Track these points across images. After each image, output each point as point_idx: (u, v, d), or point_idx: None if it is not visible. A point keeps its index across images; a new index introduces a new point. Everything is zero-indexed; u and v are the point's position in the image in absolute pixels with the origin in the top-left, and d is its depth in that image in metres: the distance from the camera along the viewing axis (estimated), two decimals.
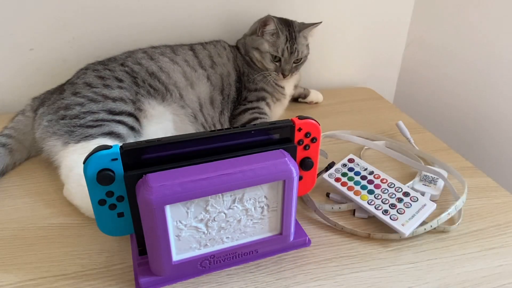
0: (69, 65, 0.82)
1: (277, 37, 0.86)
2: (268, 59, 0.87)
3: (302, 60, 0.91)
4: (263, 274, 0.52)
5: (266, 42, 0.87)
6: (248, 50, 0.90)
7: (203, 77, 0.83)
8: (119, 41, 0.93)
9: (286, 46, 0.86)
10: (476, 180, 0.73)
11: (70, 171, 0.63)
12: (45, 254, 0.55)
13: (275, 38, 0.86)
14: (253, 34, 0.90)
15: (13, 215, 0.62)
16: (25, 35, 0.88)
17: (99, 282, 0.50)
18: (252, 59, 0.89)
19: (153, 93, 0.75)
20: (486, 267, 0.54)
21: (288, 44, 0.86)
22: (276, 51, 0.86)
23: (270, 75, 0.88)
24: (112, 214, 0.47)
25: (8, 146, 0.71)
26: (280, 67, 0.87)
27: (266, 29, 0.86)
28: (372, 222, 0.62)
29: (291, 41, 0.87)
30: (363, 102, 1.06)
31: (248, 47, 0.90)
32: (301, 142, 0.53)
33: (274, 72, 0.88)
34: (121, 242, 0.57)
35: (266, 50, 0.87)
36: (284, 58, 0.87)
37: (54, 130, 0.67)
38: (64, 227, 0.60)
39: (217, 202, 0.47)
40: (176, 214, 0.46)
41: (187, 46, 0.86)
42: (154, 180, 0.43)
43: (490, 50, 0.94)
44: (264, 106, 0.88)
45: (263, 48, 0.87)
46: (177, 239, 0.48)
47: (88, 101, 0.69)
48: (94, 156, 0.42)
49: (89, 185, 0.44)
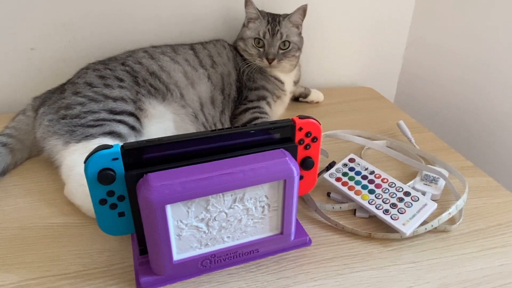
0: (70, 65, 0.82)
1: (259, 22, 0.87)
2: (250, 44, 0.87)
3: (291, 47, 0.88)
4: (264, 274, 0.52)
5: (249, 29, 0.87)
6: (236, 43, 0.90)
7: (203, 77, 0.83)
8: (119, 40, 0.93)
9: (267, 28, 0.86)
10: (477, 180, 0.73)
11: (71, 171, 0.63)
12: (46, 254, 0.55)
13: (257, 24, 0.87)
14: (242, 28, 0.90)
15: (14, 214, 0.62)
16: (26, 34, 0.88)
17: (100, 282, 0.50)
18: (239, 51, 0.90)
19: (153, 92, 0.75)
20: (486, 267, 0.54)
21: (270, 26, 0.86)
22: (257, 34, 0.86)
23: (255, 62, 0.87)
24: (113, 214, 0.47)
25: (9, 146, 0.71)
26: (264, 51, 0.87)
27: (248, 14, 0.87)
28: (373, 222, 0.62)
29: (273, 23, 0.87)
30: (364, 101, 1.06)
31: (237, 40, 0.90)
32: (302, 141, 0.53)
33: (258, 58, 0.87)
34: (122, 241, 0.57)
35: (248, 36, 0.87)
36: (266, 41, 0.86)
37: (55, 129, 0.67)
38: (65, 226, 0.60)
39: (218, 202, 0.47)
40: (177, 214, 0.46)
41: (188, 46, 0.86)
42: (155, 180, 0.43)
43: (491, 50, 0.94)
44: (264, 105, 0.88)
45: (246, 35, 0.88)
46: (177, 239, 0.48)
47: (89, 101, 0.69)
48: (94, 156, 0.42)
49: (90, 185, 0.44)
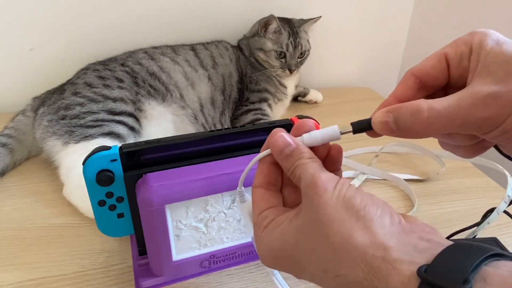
0: (69, 65, 0.82)
1: (280, 34, 0.87)
2: (273, 56, 0.88)
3: (306, 55, 0.92)
4: (263, 274, 0.52)
5: (269, 40, 0.87)
6: (252, 52, 0.90)
7: (204, 77, 0.83)
8: (119, 41, 0.92)
9: (289, 41, 0.87)
10: (476, 180, 0.73)
11: (70, 171, 0.63)
12: (45, 254, 0.55)
13: (277, 35, 0.87)
14: (255, 36, 0.90)
15: (13, 215, 0.62)
16: (25, 35, 0.88)
17: (99, 282, 0.50)
18: (258, 61, 0.90)
19: (153, 93, 0.75)
20: None
21: (292, 39, 0.87)
22: (280, 47, 0.87)
23: (277, 73, 0.89)
24: (112, 215, 0.47)
25: (8, 146, 0.71)
26: (286, 63, 0.88)
27: (269, 28, 0.87)
28: None
29: (294, 35, 0.88)
30: (363, 102, 1.06)
31: (252, 49, 0.90)
32: None
33: (280, 69, 0.88)
34: (121, 242, 0.57)
35: (270, 48, 0.87)
36: (289, 53, 0.88)
37: (54, 130, 0.67)
38: (64, 227, 0.60)
39: (217, 202, 0.47)
40: (176, 214, 0.46)
41: (188, 46, 0.86)
42: (154, 180, 0.43)
43: None
44: (266, 107, 0.88)
45: (267, 47, 0.88)
46: (177, 239, 0.47)
47: (88, 101, 0.69)
48: (93, 157, 0.42)
49: (89, 187, 0.44)
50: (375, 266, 0.25)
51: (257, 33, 0.90)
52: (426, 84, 0.32)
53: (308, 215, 0.28)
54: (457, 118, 0.27)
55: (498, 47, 0.28)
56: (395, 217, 0.27)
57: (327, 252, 0.27)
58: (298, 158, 0.31)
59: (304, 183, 0.29)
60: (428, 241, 0.26)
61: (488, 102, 0.27)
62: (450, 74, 0.31)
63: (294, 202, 0.33)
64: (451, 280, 0.22)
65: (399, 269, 0.24)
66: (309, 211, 0.28)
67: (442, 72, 0.31)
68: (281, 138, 0.32)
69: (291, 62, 0.88)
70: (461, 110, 0.27)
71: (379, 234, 0.26)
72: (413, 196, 0.67)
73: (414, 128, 0.29)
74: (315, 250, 0.28)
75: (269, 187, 0.33)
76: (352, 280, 0.26)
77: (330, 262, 0.27)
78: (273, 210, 0.32)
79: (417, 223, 0.28)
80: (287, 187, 0.34)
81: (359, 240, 0.26)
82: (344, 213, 0.27)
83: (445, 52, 0.31)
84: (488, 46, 0.28)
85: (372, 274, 0.25)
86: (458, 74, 0.30)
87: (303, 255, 0.29)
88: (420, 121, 0.28)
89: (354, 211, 0.27)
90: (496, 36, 0.29)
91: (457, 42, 0.31)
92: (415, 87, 0.32)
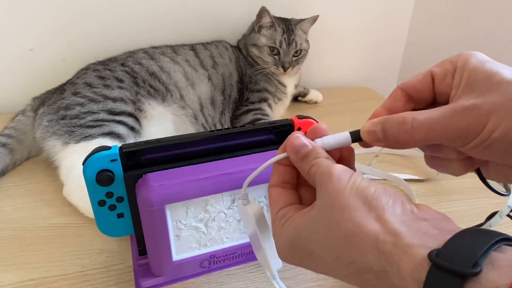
0: (69, 65, 0.82)
1: (274, 30, 0.87)
2: (266, 52, 0.87)
3: (302, 54, 0.91)
4: (263, 274, 0.52)
5: (263, 36, 0.87)
6: (248, 49, 0.90)
7: (204, 77, 0.83)
8: (119, 41, 0.92)
9: (283, 37, 0.87)
10: (477, 180, 0.73)
11: (70, 171, 0.63)
12: (45, 254, 0.55)
13: (271, 31, 0.87)
14: (251, 33, 0.90)
15: (13, 215, 0.62)
16: (25, 35, 0.88)
17: (99, 282, 0.50)
18: (252, 58, 0.90)
19: (153, 93, 0.75)
20: None
21: (285, 35, 0.87)
22: (273, 43, 0.87)
23: (270, 69, 0.88)
24: (112, 215, 0.47)
25: (8, 146, 0.71)
26: (280, 60, 0.87)
27: (262, 22, 0.87)
28: None
29: (288, 32, 0.87)
30: (363, 102, 1.06)
31: (248, 45, 0.90)
32: None
33: (273, 66, 0.88)
34: (121, 242, 0.57)
35: (264, 43, 0.87)
36: (282, 50, 0.87)
37: (54, 130, 0.67)
38: (64, 227, 0.60)
39: (217, 202, 0.47)
40: (176, 214, 0.46)
41: (188, 46, 0.86)
42: (154, 180, 0.43)
43: (490, 50, 0.94)
44: (266, 107, 0.88)
45: (260, 43, 0.88)
46: (177, 239, 0.47)
47: (88, 101, 0.69)
48: (93, 157, 0.42)
49: (89, 186, 0.44)
50: (386, 251, 0.26)
51: (253, 30, 0.90)
52: (413, 97, 0.34)
53: (321, 203, 0.29)
54: (437, 127, 0.29)
55: (481, 65, 0.30)
56: (407, 206, 0.28)
57: (339, 238, 0.28)
58: (314, 158, 0.32)
59: (319, 174, 0.30)
60: (439, 229, 0.26)
61: (465, 112, 0.28)
62: (435, 89, 0.33)
63: (310, 201, 0.34)
64: (461, 264, 0.23)
65: (410, 254, 0.25)
66: (322, 198, 0.29)
67: (427, 86, 0.33)
68: (298, 140, 0.33)
69: (284, 60, 0.87)
70: (440, 120, 0.29)
71: (391, 221, 0.27)
72: (413, 196, 0.67)
73: (399, 138, 0.30)
74: (327, 236, 0.29)
75: (285, 186, 0.35)
76: (364, 266, 0.27)
77: (343, 248, 0.28)
78: (290, 208, 0.33)
79: (429, 211, 0.29)
80: (303, 187, 0.35)
81: (370, 227, 0.27)
82: (357, 202, 0.28)
83: (432, 70, 0.33)
84: (472, 64, 0.30)
85: (384, 259, 0.26)
86: (442, 90, 0.32)
87: (316, 243, 0.30)
88: (405, 131, 0.30)
89: (367, 200, 0.28)
90: (481, 56, 0.31)
91: (444, 61, 0.33)
92: (403, 99, 0.34)
